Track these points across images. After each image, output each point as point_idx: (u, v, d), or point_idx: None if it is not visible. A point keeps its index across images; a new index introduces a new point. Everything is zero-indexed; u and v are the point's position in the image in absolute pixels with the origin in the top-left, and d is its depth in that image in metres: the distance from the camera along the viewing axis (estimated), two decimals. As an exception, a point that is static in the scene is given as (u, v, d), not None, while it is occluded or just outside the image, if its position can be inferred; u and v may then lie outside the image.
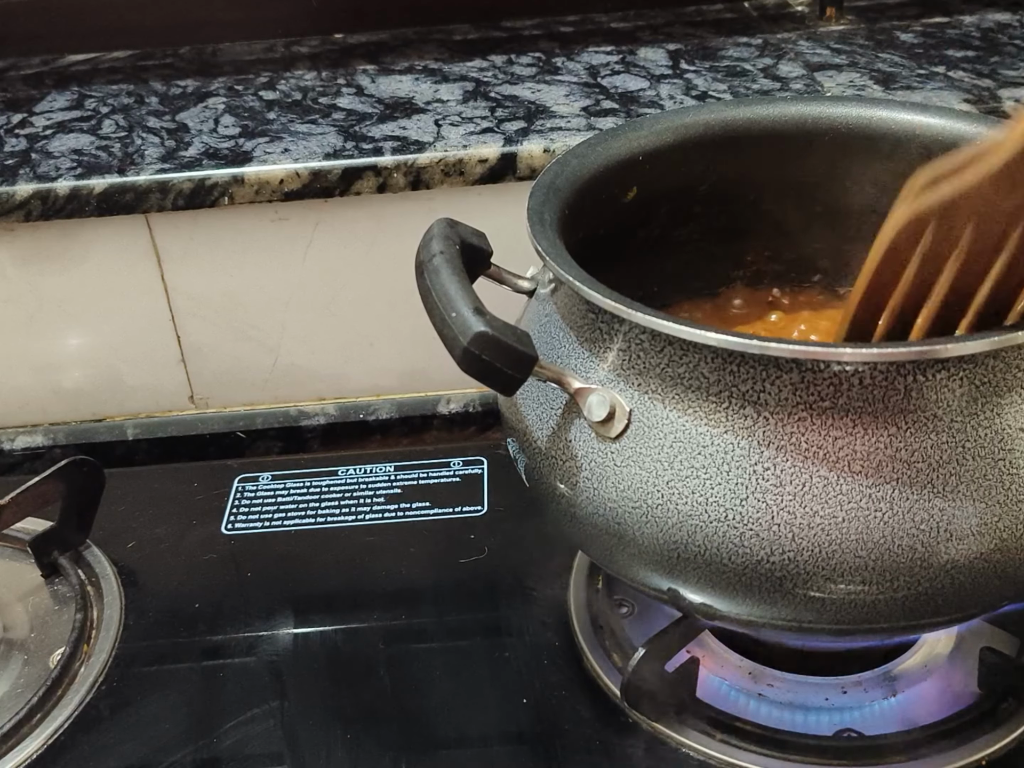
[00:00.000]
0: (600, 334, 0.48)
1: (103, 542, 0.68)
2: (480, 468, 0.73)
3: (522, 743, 0.55)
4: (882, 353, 0.42)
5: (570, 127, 0.75)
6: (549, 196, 0.53)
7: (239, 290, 0.78)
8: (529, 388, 0.51)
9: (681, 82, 0.82)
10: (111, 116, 0.82)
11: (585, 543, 0.51)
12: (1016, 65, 0.81)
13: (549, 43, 0.91)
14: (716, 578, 0.46)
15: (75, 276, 0.77)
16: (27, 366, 0.80)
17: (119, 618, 0.63)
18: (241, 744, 0.56)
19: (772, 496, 0.44)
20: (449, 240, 0.49)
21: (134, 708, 0.58)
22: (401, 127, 0.77)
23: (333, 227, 0.76)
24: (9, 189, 0.72)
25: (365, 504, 0.71)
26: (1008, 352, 0.44)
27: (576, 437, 0.48)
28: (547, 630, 0.61)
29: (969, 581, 0.45)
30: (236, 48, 0.93)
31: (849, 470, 0.43)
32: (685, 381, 0.45)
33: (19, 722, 0.56)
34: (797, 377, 0.44)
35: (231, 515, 0.71)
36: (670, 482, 0.46)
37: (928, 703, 0.55)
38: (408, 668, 0.59)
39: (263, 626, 0.63)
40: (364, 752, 0.55)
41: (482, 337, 0.44)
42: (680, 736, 0.54)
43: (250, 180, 0.73)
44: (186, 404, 0.83)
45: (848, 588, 0.44)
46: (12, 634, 0.62)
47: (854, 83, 0.80)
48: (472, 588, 0.65)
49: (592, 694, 0.57)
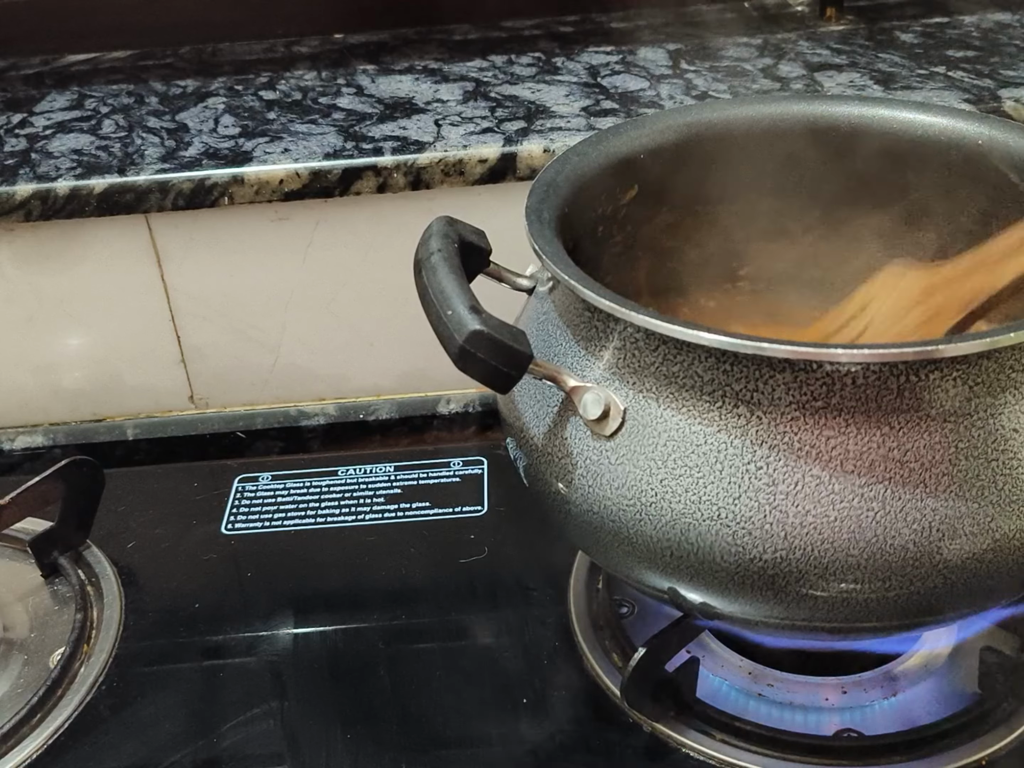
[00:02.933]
0: (596, 333, 0.48)
1: (103, 542, 0.68)
2: (480, 468, 0.73)
3: (522, 743, 0.55)
4: (875, 353, 0.42)
5: (570, 127, 0.75)
6: (548, 194, 0.53)
7: (239, 290, 0.78)
8: (526, 386, 0.51)
9: (681, 82, 0.82)
10: (111, 116, 0.82)
11: (582, 541, 0.51)
12: (1016, 65, 0.81)
13: (549, 43, 0.91)
14: (710, 576, 0.46)
15: (75, 276, 0.77)
16: (27, 366, 0.80)
17: (119, 618, 0.63)
18: (241, 744, 0.56)
19: (765, 495, 0.44)
20: (448, 238, 0.49)
21: (134, 708, 0.58)
22: (401, 127, 0.77)
23: (333, 227, 0.76)
24: (9, 189, 0.73)
25: (365, 504, 0.71)
26: (1001, 353, 0.44)
27: (572, 435, 0.48)
28: (547, 630, 0.61)
29: (962, 581, 0.45)
30: (236, 48, 0.93)
31: (842, 470, 0.43)
32: (679, 380, 0.45)
33: (19, 722, 0.56)
34: (790, 377, 0.44)
35: (231, 515, 0.71)
36: (664, 480, 0.45)
37: (928, 703, 0.55)
38: (408, 668, 0.59)
39: (263, 626, 0.63)
40: (364, 752, 0.55)
41: (477, 335, 0.44)
42: (680, 736, 0.54)
43: (250, 180, 0.73)
44: (186, 404, 0.83)
45: (841, 587, 0.44)
46: (12, 634, 0.62)
47: (854, 83, 0.80)
48: (472, 588, 0.65)
49: (592, 694, 0.57)
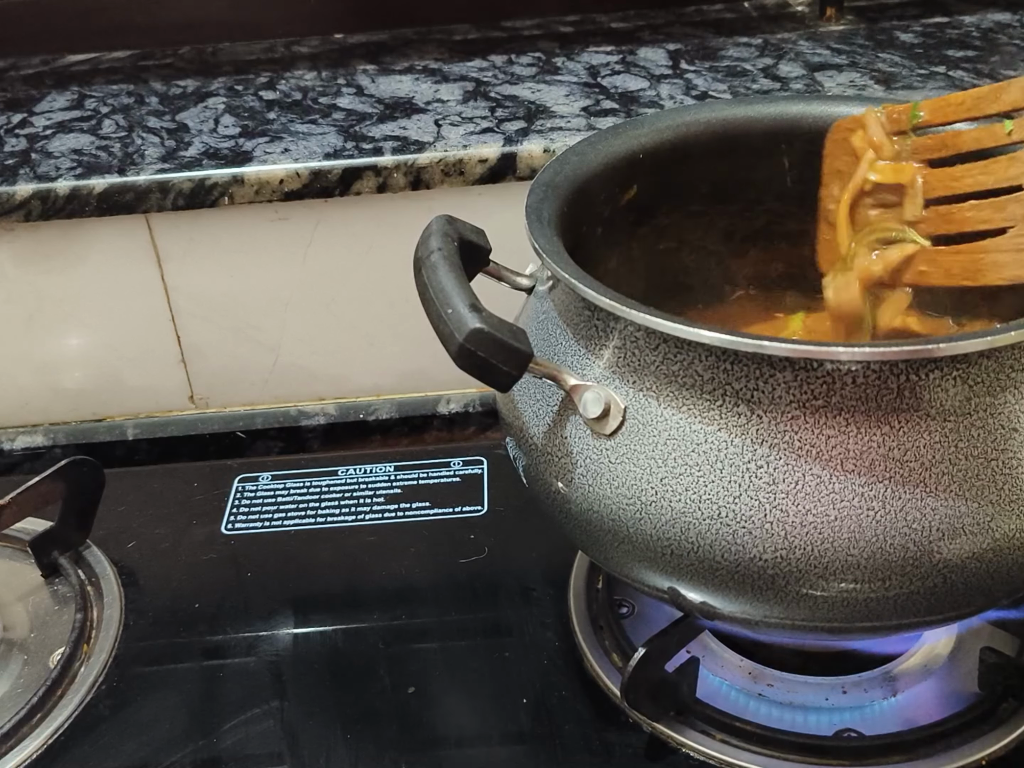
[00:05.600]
0: (596, 331, 0.48)
1: (103, 542, 0.68)
2: (480, 468, 0.73)
3: (522, 743, 0.55)
4: (876, 352, 0.42)
5: (570, 127, 0.75)
6: (548, 194, 0.53)
7: (239, 290, 0.78)
8: (526, 385, 0.51)
9: (681, 82, 0.82)
10: (111, 116, 0.82)
11: (582, 541, 0.51)
12: (1016, 65, 0.81)
13: (549, 43, 0.91)
14: (710, 575, 0.46)
15: (75, 276, 0.77)
16: (27, 366, 0.80)
17: (119, 618, 0.63)
18: (241, 744, 0.56)
19: (765, 494, 0.44)
20: (447, 237, 0.49)
21: (134, 708, 0.58)
22: (401, 127, 0.77)
23: (333, 227, 0.76)
24: (9, 189, 0.73)
25: (365, 504, 0.71)
26: (1002, 352, 0.44)
27: (572, 434, 0.48)
28: (547, 630, 0.61)
29: (962, 580, 0.45)
30: (236, 48, 0.93)
31: (842, 469, 0.43)
32: (679, 379, 0.45)
33: (19, 722, 0.56)
34: (791, 375, 0.44)
35: (231, 515, 0.71)
36: (664, 479, 0.45)
37: (928, 703, 0.55)
38: (408, 668, 0.59)
39: (263, 626, 0.63)
40: (364, 752, 0.55)
41: (478, 333, 0.44)
42: (680, 736, 0.54)
43: (250, 180, 0.73)
44: (186, 404, 0.83)
45: (841, 586, 0.44)
46: (12, 634, 0.62)
47: (854, 83, 0.80)
48: (472, 588, 0.64)
49: (592, 694, 0.57)
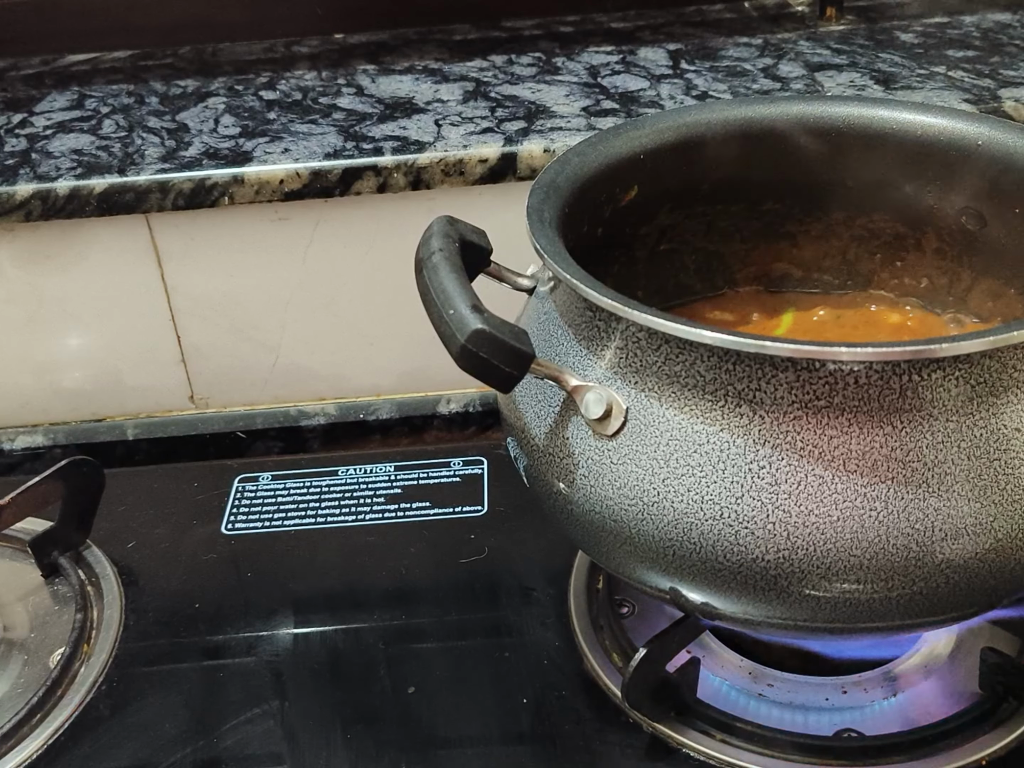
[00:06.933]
0: (598, 332, 0.48)
1: (103, 542, 0.68)
2: (480, 468, 0.73)
3: (522, 743, 0.55)
4: (878, 352, 0.42)
5: (570, 127, 0.75)
6: (549, 194, 0.53)
7: (239, 290, 0.78)
8: (527, 386, 0.51)
9: (681, 82, 0.82)
10: (111, 116, 0.82)
11: (584, 541, 0.51)
12: (1016, 65, 0.81)
13: (549, 43, 0.91)
14: (712, 576, 0.46)
15: (75, 276, 0.77)
16: (27, 366, 0.80)
17: (119, 618, 0.63)
18: (241, 744, 0.56)
19: (767, 494, 0.44)
20: (448, 238, 0.49)
21: (134, 708, 0.58)
22: (401, 127, 0.77)
23: (333, 227, 0.76)
24: (9, 189, 0.73)
25: (365, 504, 0.71)
26: (1004, 352, 0.44)
27: (573, 435, 0.48)
28: (547, 630, 0.61)
29: (964, 581, 0.45)
30: (236, 48, 0.93)
31: (844, 469, 0.43)
32: (681, 379, 0.45)
33: (19, 722, 0.56)
34: (793, 376, 0.44)
35: (231, 515, 0.71)
36: (666, 480, 0.45)
37: (928, 703, 0.55)
38: (408, 668, 0.59)
39: (263, 626, 0.63)
40: (364, 752, 0.55)
41: (479, 334, 0.44)
42: (680, 736, 0.54)
43: (250, 180, 0.73)
44: (186, 404, 0.83)
45: (843, 587, 0.44)
46: (12, 634, 0.62)
47: (854, 83, 0.80)
48: (472, 588, 0.64)
49: (592, 694, 0.57)
